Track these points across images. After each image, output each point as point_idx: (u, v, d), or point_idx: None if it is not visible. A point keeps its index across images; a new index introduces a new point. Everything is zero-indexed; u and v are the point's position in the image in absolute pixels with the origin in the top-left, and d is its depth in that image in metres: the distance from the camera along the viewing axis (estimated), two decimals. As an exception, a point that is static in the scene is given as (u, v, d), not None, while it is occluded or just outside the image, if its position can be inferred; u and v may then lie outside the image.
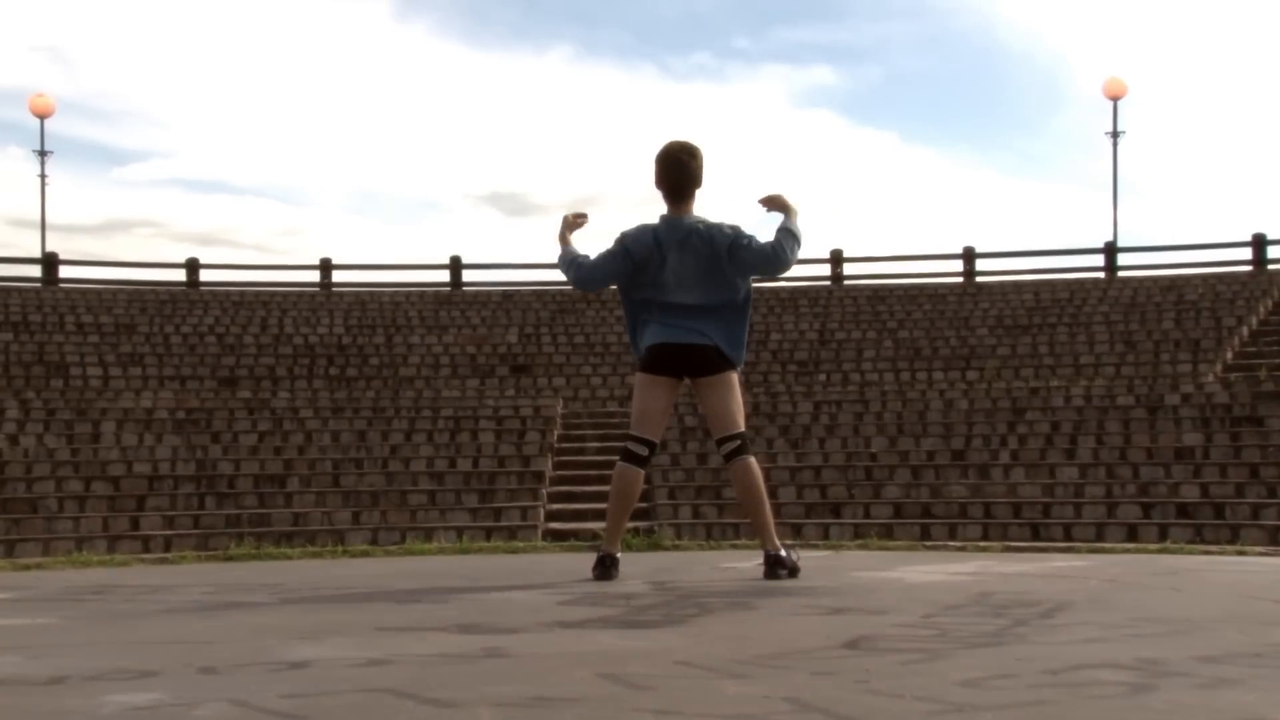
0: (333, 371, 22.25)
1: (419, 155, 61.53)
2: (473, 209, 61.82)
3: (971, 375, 20.98)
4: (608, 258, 6.50)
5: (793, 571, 6.24)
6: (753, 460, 6.36)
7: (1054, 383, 19.51)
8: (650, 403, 6.41)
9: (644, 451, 6.42)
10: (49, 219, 52.86)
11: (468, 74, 61.30)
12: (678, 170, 6.36)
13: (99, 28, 56.75)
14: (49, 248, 26.71)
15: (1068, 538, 13.66)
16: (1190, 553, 9.36)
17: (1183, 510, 14.30)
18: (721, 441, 6.40)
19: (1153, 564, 7.40)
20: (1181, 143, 57.93)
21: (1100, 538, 13.49)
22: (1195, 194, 60.39)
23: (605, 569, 6.32)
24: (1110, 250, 25.66)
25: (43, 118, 28.06)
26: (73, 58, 55.55)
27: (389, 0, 59.43)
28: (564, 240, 6.70)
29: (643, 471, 6.48)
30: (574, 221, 6.78)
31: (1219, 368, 20.06)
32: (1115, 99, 28.24)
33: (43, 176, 28.15)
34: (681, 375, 6.41)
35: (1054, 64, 59.69)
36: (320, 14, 58.03)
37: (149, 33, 56.52)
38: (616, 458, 6.61)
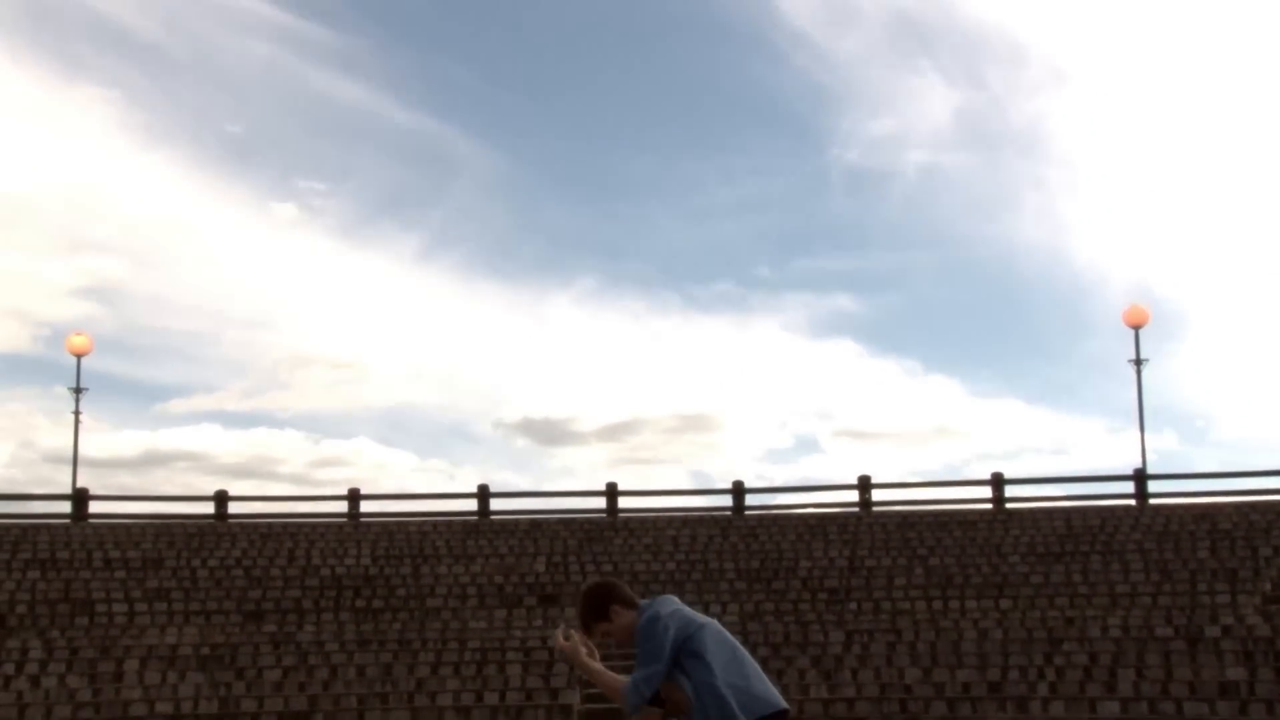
0: (359, 603, 22.08)
1: (450, 385, 62.25)
2: (504, 438, 62.21)
3: (1005, 604, 20.69)
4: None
5: None
6: None
7: (1090, 612, 19.22)
8: None
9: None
10: (89, 455, 53.40)
11: (496, 305, 62.45)
12: None
13: (144, 268, 58.25)
14: (83, 483, 26.90)
15: (1112, 776, 13.27)
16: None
17: (1230, 747, 13.92)
18: None
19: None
20: (1210, 369, 58.16)
21: (1146, 776, 13.11)
22: (1226, 421, 60.11)
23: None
24: (1140, 477, 25.50)
25: (80, 356, 28.62)
26: (117, 297, 56.84)
27: (417, 239, 60.89)
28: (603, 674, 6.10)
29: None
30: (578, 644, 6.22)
31: (1258, 599, 19.73)
32: (1136, 327, 28.44)
33: (77, 413, 28.59)
34: None
35: (1075, 292, 60.46)
36: (349, 251, 59.52)
37: (192, 271, 57.94)
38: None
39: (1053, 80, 59.74)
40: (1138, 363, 28.40)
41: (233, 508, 26.16)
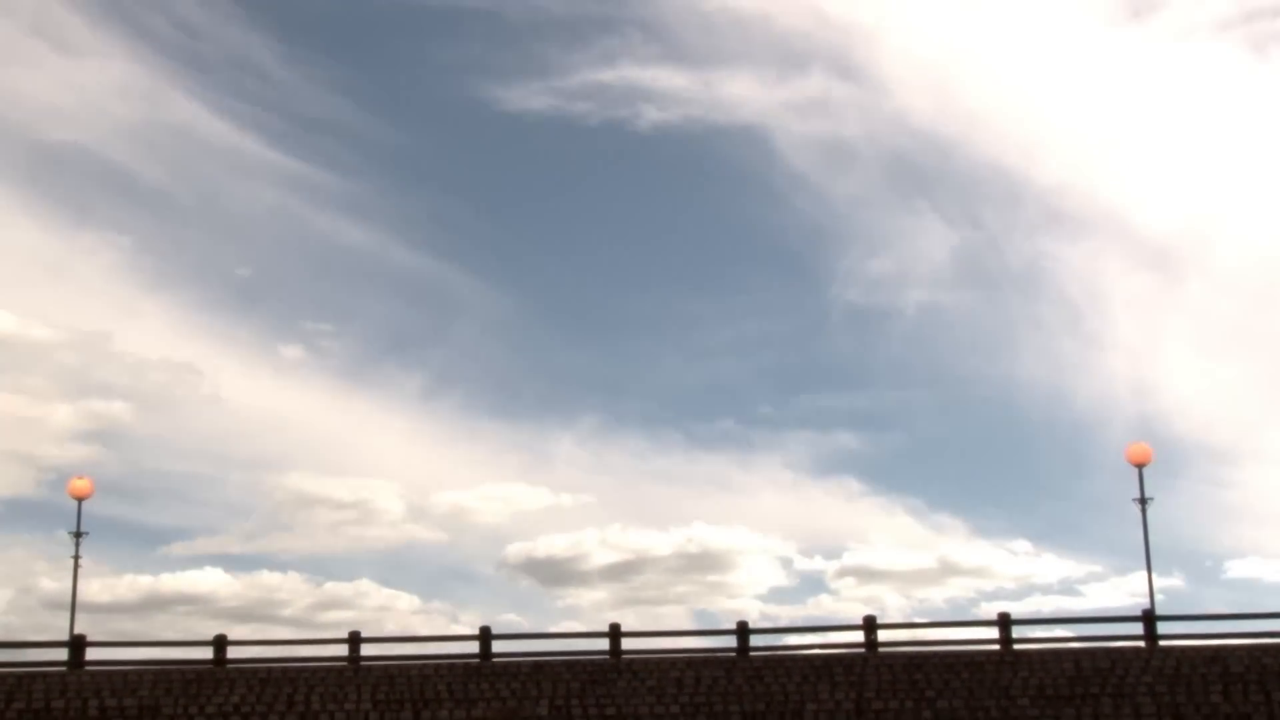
0: (358, 752, 21.70)
1: (453, 525, 61.99)
2: (508, 578, 61.78)
3: (1016, 750, 20.33)
4: None
5: None
6: None
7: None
8: None
9: None
10: (90, 601, 53.02)
11: (498, 444, 62.49)
12: None
13: (149, 411, 58.38)
14: (82, 629, 26.70)
15: None
16: None
17: None
18: None
19: None
20: (1217, 508, 57.84)
21: None
22: (1235, 561, 59.59)
23: None
24: (1149, 618, 25.20)
25: (81, 499, 28.64)
26: (122, 441, 56.87)
27: (420, 378, 61.21)
28: None
29: None
30: None
31: (1274, 744, 19.41)
32: (1140, 465, 28.37)
33: (76, 558, 28.53)
34: None
35: (1077, 431, 60.48)
36: (352, 392, 59.79)
37: (197, 414, 58.10)
38: None
39: (1049, 220, 60.60)
40: (1142, 501, 28.25)
41: (232, 652, 25.82)
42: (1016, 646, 25.22)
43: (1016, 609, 45.03)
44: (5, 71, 58.99)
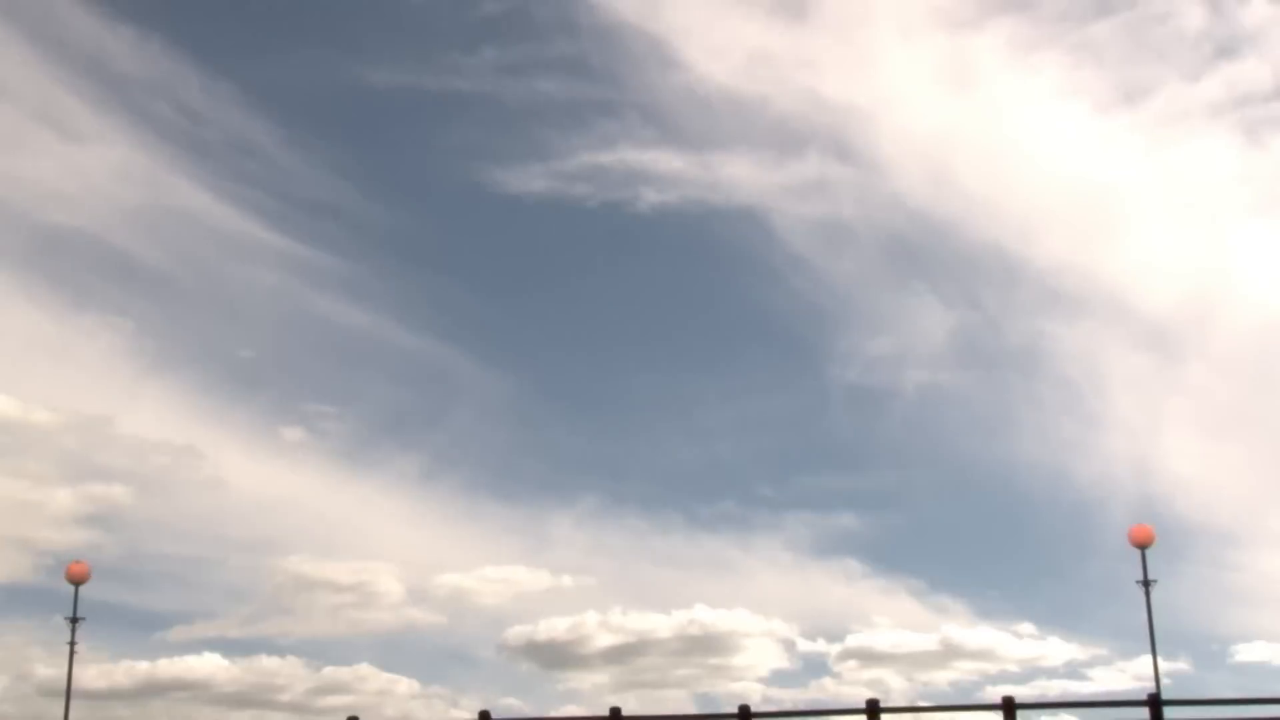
0: (355, 843, 21.40)
1: (453, 608, 61.60)
2: (508, 661, 61.23)
3: (1023, 839, 20.04)
4: None
5: None
6: None
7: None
8: None
9: None
10: (86, 687, 52.53)
11: (498, 526, 62.24)
12: None
13: (149, 494, 58.21)
14: (77, 717, 26.52)
15: None
16: None
17: None
18: None
19: None
20: (1223, 589, 57.37)
21: None
22: (1243, 645, 59.02)
23: None
24: (1155, 703, 24.94)
25: (78, 584, 28.47)
26: (121, 524, 56.64)
27: (419, 460, 61.08)
28: None
29: None
30: None
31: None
32: (1143, 547, 28.20)
33: (72, 644, 28.32)
34: None
35: (1079, 512, 60.13)
36: (353, 474, 59.63)
37: (198, 496, 57.94)
38: None
39: (1047, 300, 60.75)
40: (1146, 584, 28.06)
41: (228, 741, 25.57)
42: (1022, 731, 24.98)
43: (1021, 692, 44.59)
44: (8, 157, 59.51)
